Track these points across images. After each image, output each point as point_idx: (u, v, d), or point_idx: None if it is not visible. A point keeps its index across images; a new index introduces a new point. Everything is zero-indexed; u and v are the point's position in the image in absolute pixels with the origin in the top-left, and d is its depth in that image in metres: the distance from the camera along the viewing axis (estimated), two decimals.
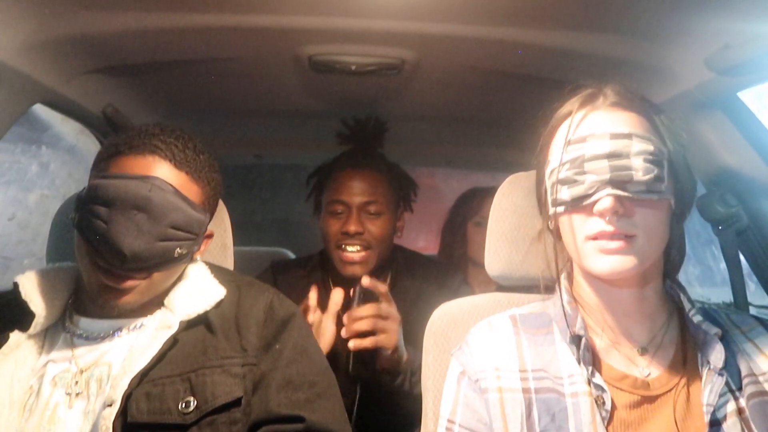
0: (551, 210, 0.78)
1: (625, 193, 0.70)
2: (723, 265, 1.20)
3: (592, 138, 0.73)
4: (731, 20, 0.92)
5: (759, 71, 0.96)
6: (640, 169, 0.71)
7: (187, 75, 1.34)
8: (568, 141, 0.74)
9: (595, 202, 0.71)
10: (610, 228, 0.70)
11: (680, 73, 1.09)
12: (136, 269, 0.82)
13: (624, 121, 0.74)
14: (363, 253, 1.39)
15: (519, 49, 1.12)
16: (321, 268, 1.53)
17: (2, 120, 1.01)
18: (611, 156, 0.71)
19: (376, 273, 1.46)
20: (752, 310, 1.24)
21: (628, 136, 0.72)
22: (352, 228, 1.37)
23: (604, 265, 0.71)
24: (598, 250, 0.72)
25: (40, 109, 1.20)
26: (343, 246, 1.39)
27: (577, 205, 0.73)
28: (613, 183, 0.70)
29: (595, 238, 0.72)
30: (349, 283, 1.44)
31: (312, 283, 1.49)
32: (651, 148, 0.72)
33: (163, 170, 0.83)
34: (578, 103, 0.78)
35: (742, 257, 1.17)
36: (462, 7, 0.97)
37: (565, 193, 0.74)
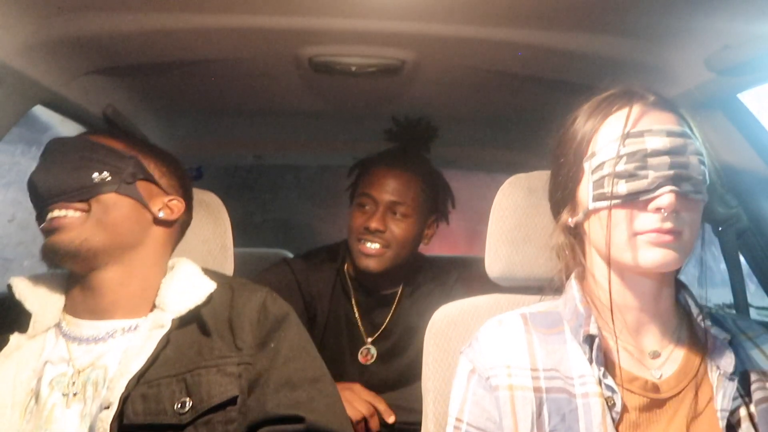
0: (593, 204, 0.75)
1: (683, 191, 0.71)
2: (723, 265, 1.20)
3: (650, 134, 0.72)
4: (731, 20, 0.92)
5: (759, 72, 0.96)
6: (695, 169, 0.71)
7: (188, 76, 1.34)
8: (626, 134, 0.73)
9: (652, 198, 0.71)
10: (667, 225, 0.70)
11: (680, 74, 1.09)
12: (60, 194, 0.86)
13: (673, 120, 0.75)
14: (379, 250, 1.39)
15: (519, 49, 1.12)
16: (342, 258, 1.53)
17: (2, 121, 1.01)
18: (671, 153, 0.71)
19: (391, 280, 1.48)
20: (752, 311, 1.24)
21: (682, 135, 0.72)
22: (374, 225, 1.38)
23: (654, 258, 0.71)
24: (647, 242, 0.71)
25: (40, 111, 1.20)
26: (363, 240, 1.40)
27: (634, 199, 0.72)
28: (674, 180, 0.70)
29: (645, 233, 0.71)
30: (365, 272, 1.45)
31: (332, 270, 1.52)
32: (701, 149, 0.73)
33: None
34: (622, 99, 0.77)
35: (742, 258, 1.17)
36: (462, 7, 0.97)
37: (623, 187, 0.72)
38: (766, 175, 1.11)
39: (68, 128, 1.41)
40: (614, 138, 0.74)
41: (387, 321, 1.48)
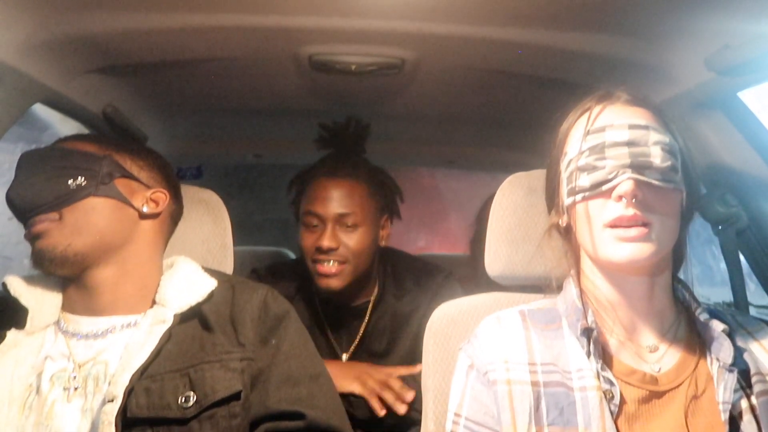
0: (567, 201, 0.78)
1: (644, 178, 0.72)
2: (723, 264, 1.20)
3: (611, 128, 0.75)
4: (731, 20, 0.92)
5: (759, 71, 0.96)
6: (657, 157, 0.72)
7: (188, 75, 1.34)
8: (587, 131, 0.76)
9: (614, 187, 0.72)
10: (629, 212, 0.71)
11: (680, 73, 1.09)
12: (37, 207, 0.86)
13: (640, 115, 0.77)
14: (338, 267, 1.31)
15: (519, 49, 1.12)
16: (308, 277, 1.43)
17: (2, 120, 1.01)
18: (631, 143, 0.73)
19: (359, 291, 1.40)
20: (752, 310, 1.24)
21: (646, 127, 0.74)
22: (325, 243, 1.29)
23: (622, 253, 0.72)
24: (616, 238, 0.73)
25: (40, 109, 1.20)
26: (318, 261, 1.32)
27: (597, 191, 0.74)
28: (633, 167, 0.72)
29: (613, 224, 0.73)
30: (328, 291, 1.36)
31: (298, 289, 1.44)
32: (667, 139, 0.74)
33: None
34: (595, 100, 0.80)
35: (742, 257, 1.17)
36: (462, 7, 0.97)
37: (585, 180, 0.75)
38: (766, 175, 1.11)
39: (68, 127, 1.41)
40: (580, 136, 0.77)
41: (361, 334, 1.40)
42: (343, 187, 1.33)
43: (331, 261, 1.31)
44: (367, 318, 1.41)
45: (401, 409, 1.19)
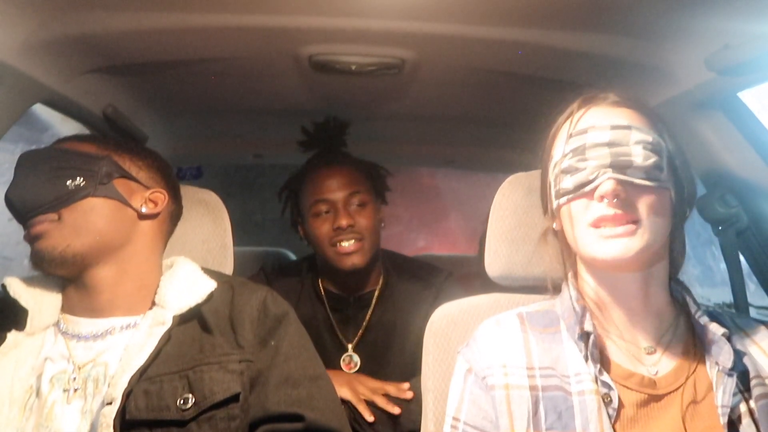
0: (554, 203, 0.79)
1: (626, 177, 0.72)
2: (723, 265, 1.20)
3: (593, 129, 0.75)
4: (731, 20, 0.92)
5: (759, 71, 0.96)
6: (639, 156, 0.73)
7: (188, 75, 1.34)
8: (570, 134, 0.77)
9: (596, 188, 0.73)
10: (610, 212, 0.72)
11: (680, 74, 1.09)
12: (36, 207, 0.86)
13: (624, 115, 0.77)
14: (357, 244, 1.38)
15: (519, 49, 1.12)
16: (312, 273, 1.51)
17: (2, 120, 1.01)
18: (611, 144, 0.74)
19: (366, 278, 1.45)
20: (752, 311, 1.24)
21: (628, 127, 0.75)
22: (344, 222, 1.36)
23: (608, 250, 0.72)
24: (601, 236, 0.73)
25: (40, 109, 1.20)
26: (337, 243, 1.37)
27: (579, 192, 0.75)
28: (614, 167, 0.73)
29: (597, 224, 0.73)
30: (341, 286, 1.43)
31: (304, 285, 1.48)
32: (649, 138, 0.74)
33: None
34: (580, 101, 0.81)
35: (742, 257, 1.17)
36: (462, 7, 0.97)
37: (568, 182, 0.76)
38: (766, 175, 1.11)
39: (69, 127, 1.41)
40: (564, 139, 0.78)
41: (365, 323, 1.44)
42: (342, 172, 1.41)
43: (352, 240, 1.37)
44: (372, 308, 1.45)
45: (395, 409, 1.21)
